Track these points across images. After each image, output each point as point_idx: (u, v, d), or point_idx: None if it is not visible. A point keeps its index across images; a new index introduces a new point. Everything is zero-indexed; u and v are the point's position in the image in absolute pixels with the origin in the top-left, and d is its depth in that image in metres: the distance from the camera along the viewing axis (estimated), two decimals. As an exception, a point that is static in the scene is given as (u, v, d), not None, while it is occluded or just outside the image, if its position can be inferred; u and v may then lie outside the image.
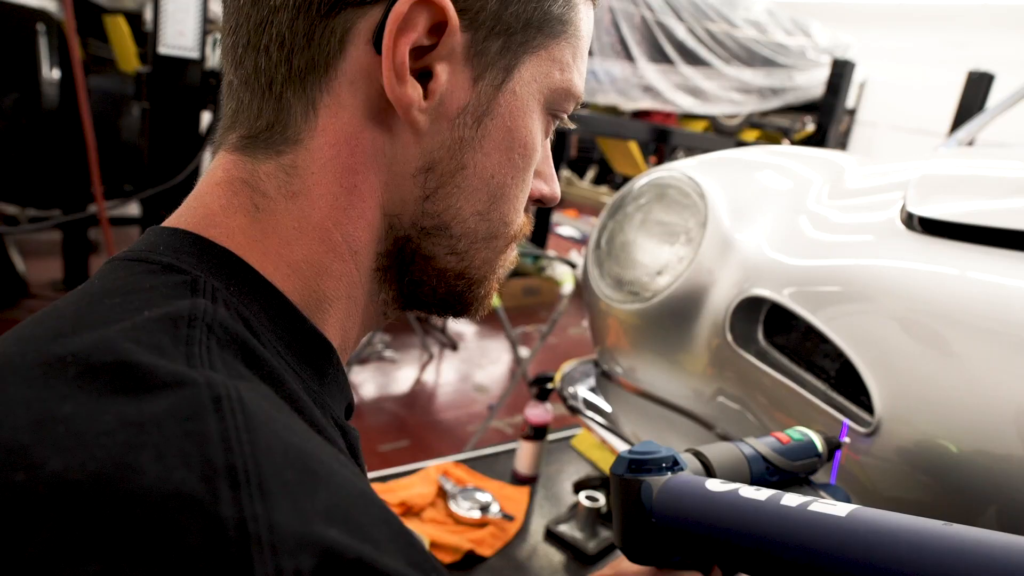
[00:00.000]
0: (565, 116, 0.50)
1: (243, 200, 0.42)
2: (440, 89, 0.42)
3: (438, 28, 0.41)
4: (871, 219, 1.03)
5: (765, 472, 0.61)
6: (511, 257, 0.53)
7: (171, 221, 0.44)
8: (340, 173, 0.42)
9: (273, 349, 0.39)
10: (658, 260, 1.19)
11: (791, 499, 0.47)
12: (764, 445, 0.62)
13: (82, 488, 0.26)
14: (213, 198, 0.43)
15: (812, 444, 0.64)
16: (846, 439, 0.67)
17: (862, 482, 0.86)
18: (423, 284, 0.48)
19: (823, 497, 0.53)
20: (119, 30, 3.63)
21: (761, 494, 0.49)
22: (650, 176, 1.29)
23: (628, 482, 0.56)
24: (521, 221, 0.51)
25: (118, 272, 0.40)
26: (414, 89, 0.41)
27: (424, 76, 0.42)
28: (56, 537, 0.25)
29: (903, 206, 0.99)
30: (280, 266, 0.42)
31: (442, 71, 0.42)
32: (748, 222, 1.13)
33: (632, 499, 0.55)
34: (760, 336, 1.06)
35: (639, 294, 1.19)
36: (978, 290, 0.82)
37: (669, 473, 0.56)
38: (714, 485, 0.52)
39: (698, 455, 0.60)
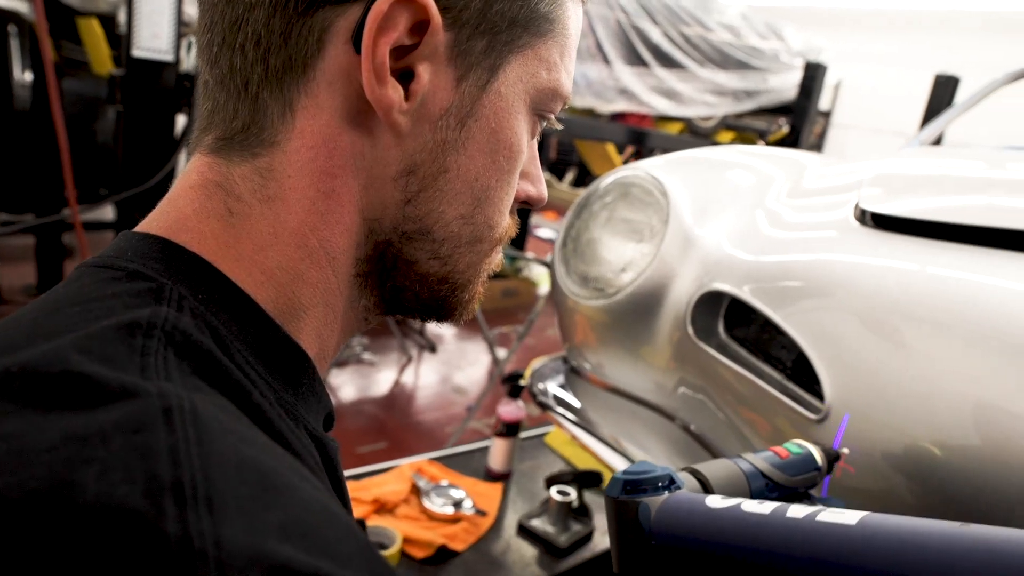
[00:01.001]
0: (552, 116, 0.48)
1: (216, 204, 0.41)
2: (422, 90, 0.41)
3: (420, 27, 0.39)
4: (827, 216, 1.06)
5: (764, 488, 0.59)
6: (496, 260, 0.51)
7: (143, 226, 0.42)
8: (317, 176, 0.41)
9: (242, 358, 0.37)
10: (622, 257, 1.22)
11: (797, 510, 0.45)
12: (762, 460, 0.60)
13: (20, 508, 0.25)
14: (186, 202, 0.41)
15: (811, 457, 0.63)
16: (845, 450, 0.66)
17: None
18: (405, 289, 0.47)
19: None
20: (92, 32, 3.60)
21: (765, 507, 0.47)
22: (615, 175, 1.32)
23: (624, 504, 0.53)
24: (506, 224, 0.49)
25: (84, 279, 0.38)
26: (395, 90, 0.40)
27: (405, 76, 0.40)
28: None
29: (857, 203, 1.02)
30: (254, 273, 0.40)
31: (424, 71, 0.40)
32: (709, 219, 1.16)
33: (629, 521, 0.53)
34: (720, 329, 1.09)
35: (604, 290, 1.22)
36: (926, 283, 0.85)
37: (666, 492, 0.53)
38: (715, 501, 0.50)
39: (695, 473, 0.58)
